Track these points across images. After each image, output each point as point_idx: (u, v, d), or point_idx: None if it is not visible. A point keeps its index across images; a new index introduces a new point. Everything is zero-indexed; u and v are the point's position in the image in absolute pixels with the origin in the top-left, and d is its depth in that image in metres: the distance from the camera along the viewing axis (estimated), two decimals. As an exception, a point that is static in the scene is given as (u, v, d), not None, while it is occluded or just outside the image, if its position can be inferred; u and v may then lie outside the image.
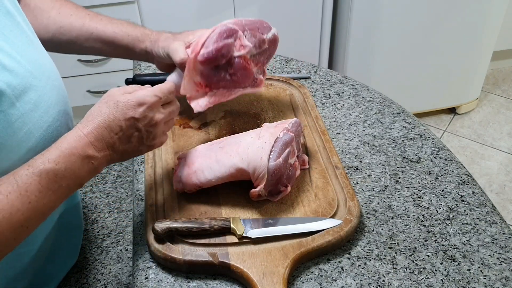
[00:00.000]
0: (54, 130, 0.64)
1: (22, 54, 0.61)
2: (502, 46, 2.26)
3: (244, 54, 0.76)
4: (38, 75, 0.62)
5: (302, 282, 0.63)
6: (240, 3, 1.80)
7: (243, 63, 0.77)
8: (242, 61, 0.77)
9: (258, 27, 0.79)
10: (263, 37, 0.79)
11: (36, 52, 0.66)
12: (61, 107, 0.67)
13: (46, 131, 0.63)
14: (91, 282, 0.80)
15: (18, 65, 0.59)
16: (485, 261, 0.65)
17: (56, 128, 0.65)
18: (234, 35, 0.75)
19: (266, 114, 0.88)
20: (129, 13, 1.76)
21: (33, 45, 0.66)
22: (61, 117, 0.66)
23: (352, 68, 1.95)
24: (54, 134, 0.64)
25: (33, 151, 0.60)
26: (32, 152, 0.60)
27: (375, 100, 0.94)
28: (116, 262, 0.83)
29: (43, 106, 0.62)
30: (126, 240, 0.87)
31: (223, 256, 0.63)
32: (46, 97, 0.63)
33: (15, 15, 0.64)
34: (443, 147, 0.83)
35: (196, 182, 0.69)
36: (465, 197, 0.74)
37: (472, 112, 2.22)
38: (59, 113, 0.66)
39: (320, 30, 1.93)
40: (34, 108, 0.60)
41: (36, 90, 0.61)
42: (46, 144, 0.61)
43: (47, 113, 0.63)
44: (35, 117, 0.61)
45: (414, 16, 1.81)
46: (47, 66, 0.66)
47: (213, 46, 0.73)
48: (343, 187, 0.71)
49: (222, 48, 0.73)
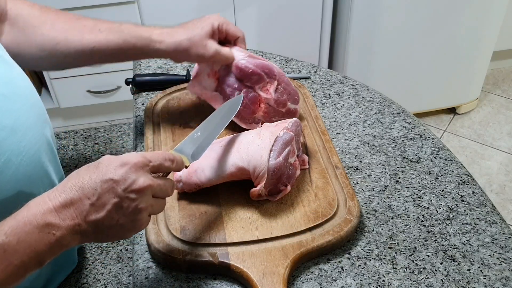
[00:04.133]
0: (34, 153, 0.60)
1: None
2: (502, 46, 2.26)
3: (264, 97, 0.79)
4: (13, 97, 0.58)
5: (302, 282, 0.63)
6: (240, 3, 1.80)
7: (256, 98, 0.80)
8: (257, 96, 0.79)
9: (291, 92, 0.81)
10: (287, 104, 0.81)
11: (9, 73, 0.61)
12: (39, 127, 0.62)
13: (26, 155, 0.58)
14: (91, 282, 0.80)
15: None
16: (485, 261, 0.65)
17: (36, 151, 0.60)
18: (271, 78, 0.78)
19: (266, 114, 0.88)
20: (129, 13, 1.76)
21: (6, 65, 0.61)
22: (41, 139, 0.62)
23: (352, 68, 1.95)
24: (35, 157, 0.60)
25: (14, 179, 0.56)
26: (13, 180, 0.55)
27: (375, 100, 0.94)
28: (116, 262, 0.83)
29: (21, 130, 0.57)
30: (126, 240, 0.87)
31: (223, 256, 0.63)
32: (23, 119, 0.58)
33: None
34: (443, 147, 0.83)
35: (196, 182, 0.69)
36: (465, 197, 0.74)
37: (472, 112, 2.22)
38: (38, 135, 0.61)
39: (320, 30, 1.93)
40: (11, 134, 0.56)
41: (11, 114, 0.56)
42: (26, 169, 0.57)
43: (25, 137, 0.58)
44: (13, 143, 0.56)
45: (414, 16, 1.81)
46: (22, 85, 0.61)
47: (253, 63, 0.77)
48: (343, 187, 0.71)
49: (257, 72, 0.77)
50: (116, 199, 0.50)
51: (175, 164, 0.57)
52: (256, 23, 1.87)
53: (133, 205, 0.51)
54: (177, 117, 0.88)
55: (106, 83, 1.97)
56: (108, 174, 0.50)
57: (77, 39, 0.73)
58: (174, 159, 0.57)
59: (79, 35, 0.73)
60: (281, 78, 0.80)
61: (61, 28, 0.74)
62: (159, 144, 0.82)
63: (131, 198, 0.50)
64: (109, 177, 0.50)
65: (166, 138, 0.83)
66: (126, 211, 0.51)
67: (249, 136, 0.71)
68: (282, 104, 0.80)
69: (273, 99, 0.79)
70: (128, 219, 0.51)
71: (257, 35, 1.89)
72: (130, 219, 0.51)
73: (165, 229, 0.67)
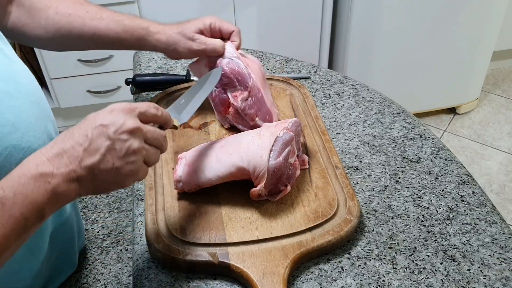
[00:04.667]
0: (36, 149, 0.58)
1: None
2: (502, 46, 2.26)
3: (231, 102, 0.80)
4: (15, 93, 0.58)
5: (302, 282, 0.63)
6: (240, 3, 1.80)
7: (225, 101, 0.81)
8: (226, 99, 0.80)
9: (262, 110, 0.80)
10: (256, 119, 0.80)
11: (12, 69, 0.61)
12: (42, 123, 0.62)
13: (28, 151, 0.58)
14: (91, 282, 0.80)
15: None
16: (485, 261, 0.65)
17: (38, 147, 0.59)
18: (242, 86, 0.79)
19: (266, 114, 0.88)
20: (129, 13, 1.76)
21: (9, 61, 0.62)
22: (43, 135, 0.62)
23: (352, 68, 1.95)
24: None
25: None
26: None
27: (375, 100, 0.94)
28: (116, 262, 0.83)
29: (22, 126, 0.58)
30: (126, 240, 0.87)
31: (223, 256, 0.63)
32: (25, 115, 0.59)
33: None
34: (443, 147, 0.83)
35: (196, 181, 0.69)
36: (465, 197, 0.74)
37: (472, 112, 2.22)
38: (41, 131, 0.62)
39: (320, 30, 1.93)
40: (13, 130, 0.56)
41: (13, 110, 0.57)
42: None
43: (27, 133, 0.59)
44: (15, 139, 0.56)
45: (414, 16, 1.81)
46: (24, 81, 0.62)
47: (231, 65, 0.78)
48: (343, 187, 0.71)
49: (228, 76, 0.78)
50: (108, 141, 0.50)
51: (161, 113, 0.58)
52: (256, 23, 1.87)
53: (126, 145, 0.51)
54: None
55: (106, 83, 1.97)
56: (97, 121, 0.51)
57: (79, 25, 0.77)
58: (159, 109, 0.58)
59: (81, 21, 0.77)
60: (254, 92, 0.78)
61: (65, 13, 0.77)
62: (159, 144, 0.82)
63: (123, 139, 0.51)
64: (99, 123, 0.51)
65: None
66: (120, 153, 0.51)
67: (249, 136, 0.71)
68: (249, 116, 0.79)
69: (239, 108, 0.79)
70: (123, 161, 0.51)
71: (257, 35, 1.89)
72: (125, 161, 0.52)
73: (165, 229, 0.67)
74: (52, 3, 0.78)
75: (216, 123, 0.86)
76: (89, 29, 0.77)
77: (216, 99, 0.82)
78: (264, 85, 0.83)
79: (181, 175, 0.70)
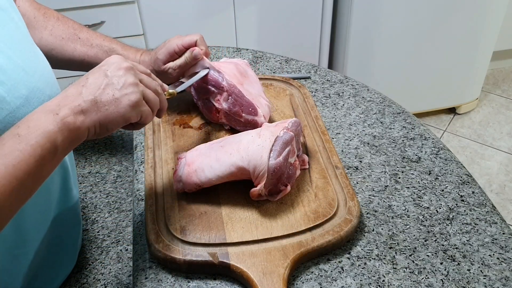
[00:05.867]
0: None
1: (15, 49, 0.61)
2: (502, 46, 2.26)
3: (217, 107, 0.82)
4: (30, 71, 0.62)
5: (302, 282, 0.63)
6: (240, 3, 1.80)
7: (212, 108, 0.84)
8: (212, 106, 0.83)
9: (243, 103, 0.81)
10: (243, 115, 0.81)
11: (29, 49, 0.65)
12: None
13: None
14: (91, 282, 0.80)
15: (8, 60, 0.58)
16: (485, 261, 0.65)
17: None
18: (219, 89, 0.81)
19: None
20: (129, 13, 1.76)
21: (27, 41, 0.65)
22: None
23: (352, 68, 1.95)
24: None
25: None
26: None
27: (375, 100, 0.94)
28: (116, 262, 0.83)
29: (35, 102, 0.61)
30: (126, 240, 0.87)
31: (223, 256, 0.63)
32: (38, 93, 0.62)
33: (9, 11, 0.64)
34: (443, 147, 0.83)
35: (196, 181, 0.69)
36: (465, 197, 0.74)
37: (472, 112, 2.22)
38: None
39: (320, 30, 1.93)
40: (25, 104, 0.59)
41: (27, 85, 0.60)
42: None
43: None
44: (27, 113, 0.58)
45: (414, 16, 1.81)
46: (40, 63, 0.65)
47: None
48: (343, 187, 0.71)
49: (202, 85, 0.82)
50: (107, 79, 0.57)
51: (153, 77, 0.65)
52: (256, 23, 1.87)
53: (122, 79, 0.58)
54: (177, 117, 0.88)
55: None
56: (95, 68, 0.59)
57: (70, 50, 0.84)
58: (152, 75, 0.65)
59: (72, 46, 0.84)
60: (231, 89, 0.80)
61: (58, 36, 0.84)
62: (159, 144, 0.82)
63: (119, 74, 0.58)
64: (96, 68, 0.59)
65: (166, 138, 0.83)
66: (117, 86, 0.58)
67: (249, 136, 0.71)
68: (237, 114, 0.81)
69: (225, 109, 0.81)
70: (122, 92, 0.58)
71: (257, 35, 1.89)
72: (123, 92, 0.58)
73: (165, 229, 0.67)
74: (48, 24, 0.84)
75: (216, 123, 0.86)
76: (79, 55, 0.84)
77: (204, 109, 0.85)
78: (244, 80, 0.84)
79: (181, 175, 0.70)
